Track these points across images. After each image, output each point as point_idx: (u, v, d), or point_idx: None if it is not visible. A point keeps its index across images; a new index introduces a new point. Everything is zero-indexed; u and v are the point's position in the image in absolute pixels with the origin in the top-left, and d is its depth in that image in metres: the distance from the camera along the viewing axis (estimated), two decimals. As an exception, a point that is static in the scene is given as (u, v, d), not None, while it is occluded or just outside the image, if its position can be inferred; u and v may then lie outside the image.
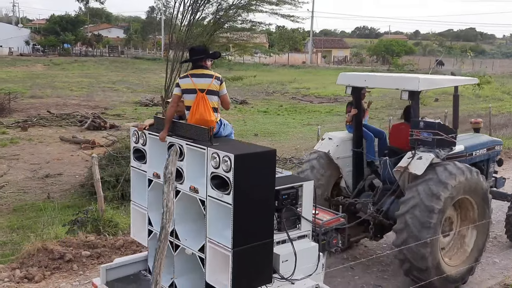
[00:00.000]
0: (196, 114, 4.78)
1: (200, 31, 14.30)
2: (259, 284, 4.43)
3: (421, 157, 6.22)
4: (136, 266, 5.42)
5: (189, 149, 4.54)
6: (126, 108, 24.68)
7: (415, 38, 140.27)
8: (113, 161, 10.24)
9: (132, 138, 5.27)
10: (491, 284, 6.58)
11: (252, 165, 4.24)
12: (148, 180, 5.04)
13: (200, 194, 4.44)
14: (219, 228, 4.35)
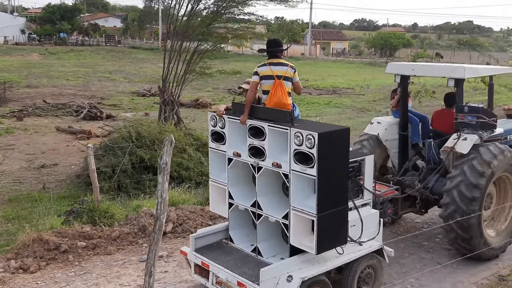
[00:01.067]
0: (274, 97, 5.51)
1: (199, 21, 14.21)
2: (337, 244, 5.20)
3: (466, 138, 6.85)
4: (218, 235, 6.11)
5: (270, 130, 5.19)
6: (123, 98, 24.56)
7: (413, 31, 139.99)
8: (110, 152, 10.17)
9: (210, 122, 5.89)
10: (485, 275, 6.57)
11: (331, 141, 4.91)
12: (228, 159, 5.71)
13: (283, 169, 5.12)
14: (301, 197, 5.05)
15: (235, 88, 29.48)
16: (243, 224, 6.01)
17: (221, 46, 14.90)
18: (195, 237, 5.90)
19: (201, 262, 5.65)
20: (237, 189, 5.80)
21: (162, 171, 3.26)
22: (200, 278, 5.76)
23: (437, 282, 6.35)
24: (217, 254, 5.79)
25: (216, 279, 5.45)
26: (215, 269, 5.46)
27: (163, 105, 13.73)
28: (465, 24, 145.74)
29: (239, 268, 5.40)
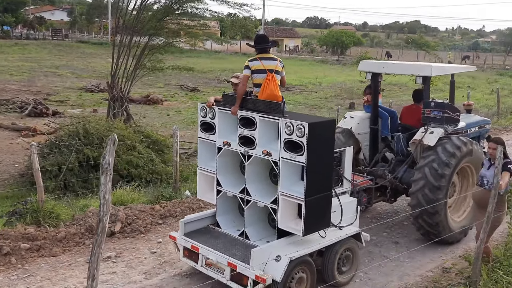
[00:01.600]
0: (267, 90, 5.87)
1: (149, 16, 13.94)
2: (321, 228, 5.69)
3: (432, 132, 7.43)
4: (205, 221, 6.53)
5: (261, 120, 5.59)
6: (70, 94, 23.81)
7: (363, 30, 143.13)
8: (55, 150, 9.82)
9: (200, 113, 6.22)
10: (430, 268, 6.81)
11: (320, 131, 5.33)
12: (218, 148, 6.07)
13: (273, 157, 5.54)
14: (289, 183, 5.47)
15: (187, 84, 29.21)
16: (230, 210, 6.45)
17: (173, 42, 14.69)
18: (184, 222, 6.27)
19: (190, 246, 6.02)
20: (225, 177, 6.17)
21: (104, 172, 3.17)
22: (188, 261, 6.14)
23: (384, 276, 6.52)
24: (206, 238, 6.15)
25: (206, 261, 5.87)
26: (204, 251, 5.84)
27: (112, 101, 13.40)
28: (413, 24, 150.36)
29: (228, 250, 5.79)
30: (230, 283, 5.55)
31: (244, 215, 6.02)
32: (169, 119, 18.19)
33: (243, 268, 5.39)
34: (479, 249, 5.79)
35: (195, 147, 13.82)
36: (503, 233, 7.60)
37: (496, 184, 5.63)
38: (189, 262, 6.16)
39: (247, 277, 5.36)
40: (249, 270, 5.34)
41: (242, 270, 5.39)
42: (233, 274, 5.49)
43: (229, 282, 5.56)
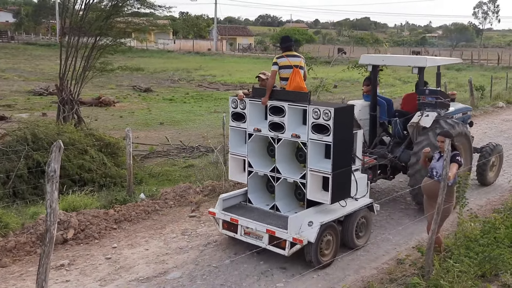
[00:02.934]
0: (294, 82, 6.98)
1: (96, 15, 13.59)
2: (344, 197, 6.75)
3: (428, 115, 8.55)
4: (238, 199, 7.48)
5: (290, 108, 6.61)
6: (18, 97, 22.98)
7: (315, 27, 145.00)
8: (3, 156, 9.43)
9: (232, 105, 7.23)
10: (385, 260, 6.96)
11: (342, 115, 6.36)
12: (248, 134, 7.08)
13: (302, 139, 6.56)
14: (316, 160, 6.50)
15: (140, 85, 28.74)
16: (259, 188, 7.43)
17: (121, 41, 14.38)
18: (222, 199, 7.23)
19: (230, 218, 6.97)
20: (255, 159, 7.18)
21: (50, 180, 3.05)
22: (228, 232, 7.12)
23: (341, 270, 6.62)
24: (242, 212, 7.10)
25: (245, 230, 6.83)
26: (244, 222, 6.81)
27: (61, 104, 12.99)
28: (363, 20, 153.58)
29: (264, 220, 6.74)
30: (269, 247, 6.51)
31: (275, 191, 7.00)
32: (122, 121, 17.86)
33: (281, 233, 6.37)
34: (430, 239, 5.96)
35: (150, 148, 13.65)
36: (453, 223, 7.86)
37: (445, 176, 5.81)
38: (228, 233, 7.12)
39: (285, 240, 6.33)
40: (287, 234, 6.31)
41: (280, 235, 6.37)
42: (271, 239, 6.47)
43: (268, 246, 6.52)
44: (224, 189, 9.46)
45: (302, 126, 6.65)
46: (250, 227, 6.72)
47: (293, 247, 6.32)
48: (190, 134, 15.91)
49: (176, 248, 7.19)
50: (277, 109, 6.73)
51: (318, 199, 6.57)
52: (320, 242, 6.47)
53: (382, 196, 9.63)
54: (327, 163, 6.38)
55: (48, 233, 3.08)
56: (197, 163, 12.04)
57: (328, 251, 6.67)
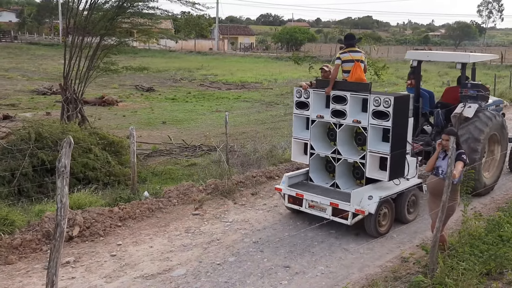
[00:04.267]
0: (355, 75, 7.97)
1: (101, 15, 13.62)
2: (399, 176, 7.72)
3: (470, 106, 9.44)
4: (300, 178, 8.57)
5: (352, 97, 7.61)
6: (22, 97, 23.04)
7: (317, 26, 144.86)
8: (8, 155, 9.46)
9: (296, 94, 8.29)
10: (389, 258, 6.97)
11: (400, 103, 7.36)
12: (312, 120, 8.11)
13: (362, 124, 7.53)
14: (375, 143, 7.52)
15: (142, 84, 28.78)
16: (319, 168, 8.52)
17: (126, 41, 14.41)
18: (288, 176, 8.33)
19: (295, 193, 8.03)
20: (317, 142, 8.24)
21: (61, 175, 3.08)
22: (293, 206, 8.18)
23: (345, 268, 6.63)
24: (305, 188, 8.17)
25: (309, 204, 7.88)
26: (309, 196, 7.87)
27: (65, 103, 13.03)
28: (365, 19, 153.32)
29: (327, 195, 7.79)
30: (332, 217, 7.57)
31: (335, 170, 8.08)
32: (125, 120, 17.90)
33: (344, 205, 7.38)
34: (435, 237, 5.97)
35: (153, 147, 13.68)
36: (457, 221, 7.87)
37: (450, 174, 5.82)
38: (293, 206, 8.18)
39: (348, 212, 7.33)
40: (349, 206, 7.31)
41: (343, 207, 7.39)
42: (334, 211, 7.53)
43: (331, 217, 7.59)
44: (227, 187, 9.48)
45: (361, 113, 7.69)
46: (315, 201, 7.77)
47: (355, 217, 7.35)
48: (192, 133, 15.94)
49: (180, 246, 7.22)
50: (340, 98, 7.73)
51: (376, 177, 7.54)
52: (378, 215, 7.45)
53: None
54: (385, 146, 7.42)
55: (58, 227, 3.11)
56: (200, 162, 12.07)
57: (385, 223, 7.66)
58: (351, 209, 7.30)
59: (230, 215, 8.57)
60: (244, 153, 12.10)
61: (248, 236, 7.65)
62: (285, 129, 15.65)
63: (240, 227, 8.03)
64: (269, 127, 17.08)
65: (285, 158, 11.88)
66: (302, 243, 7.41)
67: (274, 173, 10.82)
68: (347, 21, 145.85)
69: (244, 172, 10.65)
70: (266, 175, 10.61)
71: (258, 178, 10.34)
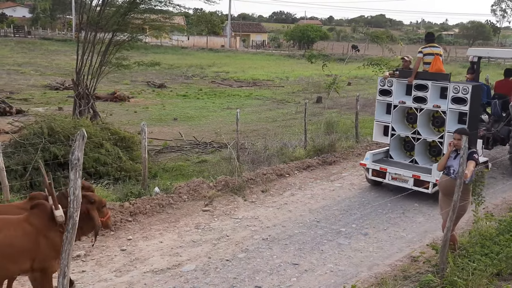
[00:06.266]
0: (435, 66, 9.41)
1: (113, 11, 13.70)
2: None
3: None
4: (381, 155, 10.17)
5: (433, 85, 9.17)
6: (34, 92, 23.24)
7: (329, 24, 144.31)
8: (20, 149, 9.55)
9: (380, 83, 9.88)
10: (399, 257, 6.95)
11: (476, 91, 8.93)
12: (394, 105, 9.68)
13: (442, 108, 9.08)
14: (452, 125, 8.88)
15: (154, 80, 28.89)
16: (399, 147, 10.16)
17: (138, 37, 14.48)
18: (372, 153, 9.94)
19: (379, 168, 9.57)
20: (397, 124, 9.86)
21: (74, 167, 3.12)
22: (376, 178, 9.71)
23: (354, 266, 6.62)
24: (387, 163, 9.71)
25: (392, 176, 9.38)
26: (391, 170, 9.42)
27: (77, 98, 13.14)
28: (378, 18, 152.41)
29: (408, 169, 9.33)
30: (414, 187, 8.94)
31: (414, 149, 9.71)
32: (136, 116, 17.98)
33: (425, 177, 8.90)
34: (445, 237, 5.93)
35: (164, 143, 13.74)
36: (468, 221, 7.82)
37: (461, 173, 5.77)
38: (376, 179, 9.72)
39: (428, 182, 8.82)
40: (430, 177, 8.81)
41: (424, 178, 8.91)
42: (416, 182, 8.97)
43: (413, 187, 8.95)
44: (237, 184, 9.50)
45: (440, 99, 9.20)
46: (398, 173, 9.26)
47: (434, 187, 8.63)
48: (203, 130, 15.97)
49: (189, 241, 7.25)
50: (421, 86, 9.27)
51: None
52: None
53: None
54: (460, 127, 8.47)
55: (71, 219, 3.14)
56: (210, 159, 12.10)
57: None
58: (432, 180, 8.71)
59: (240, 212, 8.59)
60: (254, 150, 12.10)
61: (258, 233, 7.67)
62: (296, 127, 15.64)
63: (249, 224, 8.04)
64: (280, 125, 17.07)
65: (296, 156, 11.87)
66: (312, 241, 7.40)
67: (285, 170, 10.82)
68: (360, 19, 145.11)
69: (254, 169, 10.66)
70: (276, 172, 10.61)
71: (268, 176, 10.34)
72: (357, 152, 12.92)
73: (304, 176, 10.84)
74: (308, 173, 11.07)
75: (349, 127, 14.76)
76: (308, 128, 13.32)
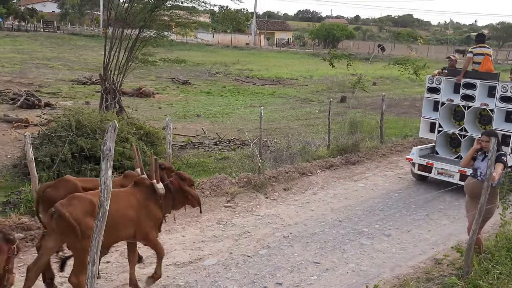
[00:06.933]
0: (485, 66, 9.74)
1: (140, 7, 13.86)
2: None
3: None
4: (426, 151, 10.56)
5: (481, 84, 9.52)
6: (62, 86, 23.66)
7: (356, 23, 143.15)
8: (48, 141, 9.77)
9: (428, 81, 10.33)
10: (422, 259, 6.88)
11: None
12: (441, 103, 10.12)
13: (489, 107, 9.43)
14: (499, 122, 9.32)
15: (179, 77, 29.12)
16: (445, 144, 10.53)
17: (164, 33, 14.62)
18: (418, 149, 10.36)
19: (425, 162, 9.96)
20: (444, 121, 10.24)
21: (105, 158, 3.18)
22: (422, 173, 10.08)
23: (376, 267, 6.58)
24: (434, 159, 10.07)
25: (438, 171, 9.73)
26: (438, 165, 9.78)
27: (104, 93, 13.35)
28: (406, 17, 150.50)
29: (455, 164, 9.62)
30: (459, 182, 8.93)
31: (461, 145, 10.02)
32: (161, 112, 18.15)
33: None
34: (471, 240, 5.85)
35: (187, 139, 13.84)
36: (495, 225, 7.69)
37: (489, 176, 5.67)
38: (422, 173, 10.08)
39: None
40: None
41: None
42: (461, 177, 9.09)
43: (459, 182, 9.02)
44: (259, 181, 9.52)
45: (487, 98, 9.51)
46: (445, 169, 9.60)
47: None
48: (226, 127, 16.04)
49: (211, 236, 7.30)
50: (469, 84, 9.61)
51: None
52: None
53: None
54: (507, 125, 9.26)
55: (101, 208, 3.21)
56: (233, 156, 12.15)
57: None
58: None
59: (261, 209, 8.61)
60: (277, 148, 12.11)
61: (279, 230, 7.68)
62: (319, 126, 15.58)
63: (271, 221, 8.06)
64: (303, 123, 17.03)
65: (319, 155, 11.84)
66: (333, 240, 7.38)
67: (307, 169, 10.80)
68: (386, 19, 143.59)
69: (276, 167, 10.67)
70: (299, 171, 10.60)
71: (290, 174, 10.34)
72: (382, 152, 12.82)
73: (326, 175, 10.80)
74: (331, 173, 11.04)
75: (374, 127, 14.64)
76: (332, 127, 13.25)
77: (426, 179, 10.42)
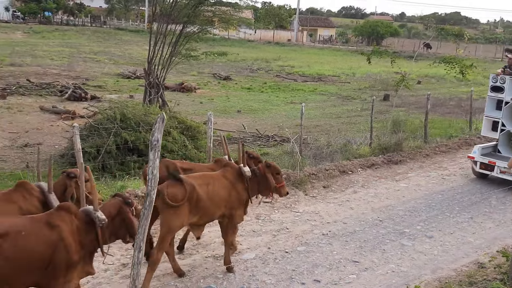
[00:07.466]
0: None
1: (184, 3, 14.04)
2: None
3: None
4: (488, 149, 10.63)
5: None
6: (108, 79, 24.28)
7: (401, 20, 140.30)
8: (94, 132, 10.06)
9: (492, 80, 10.34)
10: (465, 262, 6.71)
11: None
12: (505, 102, 10.09)
13: None
14: None
15: (220, 72, 29.34)
16: (507, 142, 10.51)
17: (207, 29, 14.76)
18: (480, 147, 10.41)
19: (488, 161, 9.99)
20: (508, 120, 10.16)
21: (153, 148, 3.26)
22: (484, 171, 10.12)
23: (417, 268, 6.46)
24: (496, 157, 10.11)
25: (500, 170, 9.76)
26: (500, 163, 9.74)
27: (148, 87, 13.61)
28: (453, 15, 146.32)
29: None
30: None
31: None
32: (202, 107, 18.36)
33: None
34: (517, 244, 5.67)
35: (227, 135, 13.94)
36: (542, 230, 7.42)
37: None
38: (484, 172, 10.10)
39: None
40: None
41: None
42: None
43: None
44: (298, 178, 9.50)
45: None
46: (507, 167, 9.49)
47: None
48: (266, 123, 16.06)
49: (250, 231, 7.35)
50: None
51: None
52: None
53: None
54: None
55: (148, 197, 3.29)
56: (272, 152, 12.15)
57: None
58: None
59: (300, 206, 8.59)
60: (317, 145, 12.04)
61: (318, 227, 7.65)
62: (361, 125, 15.39)
63: (310, 218, 8.04)
64: (344, 121, 16.85)
65: (360, 154, 11.69)
66: (373, 239, 7.29)
67: (348, 167, 10.70)
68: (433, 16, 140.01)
69: (316, 164, 10.61)
70: (339, 169, 10.51)
71: (330, 172, 10.26)
72: (425, 152, 12.55)
73: (367, 174, 10.67)
74: (372, 171, 10.89)
75: (417, 127, 14.33)
76: (374, 126, 13.06)
77: (487, 177, 10.41)
